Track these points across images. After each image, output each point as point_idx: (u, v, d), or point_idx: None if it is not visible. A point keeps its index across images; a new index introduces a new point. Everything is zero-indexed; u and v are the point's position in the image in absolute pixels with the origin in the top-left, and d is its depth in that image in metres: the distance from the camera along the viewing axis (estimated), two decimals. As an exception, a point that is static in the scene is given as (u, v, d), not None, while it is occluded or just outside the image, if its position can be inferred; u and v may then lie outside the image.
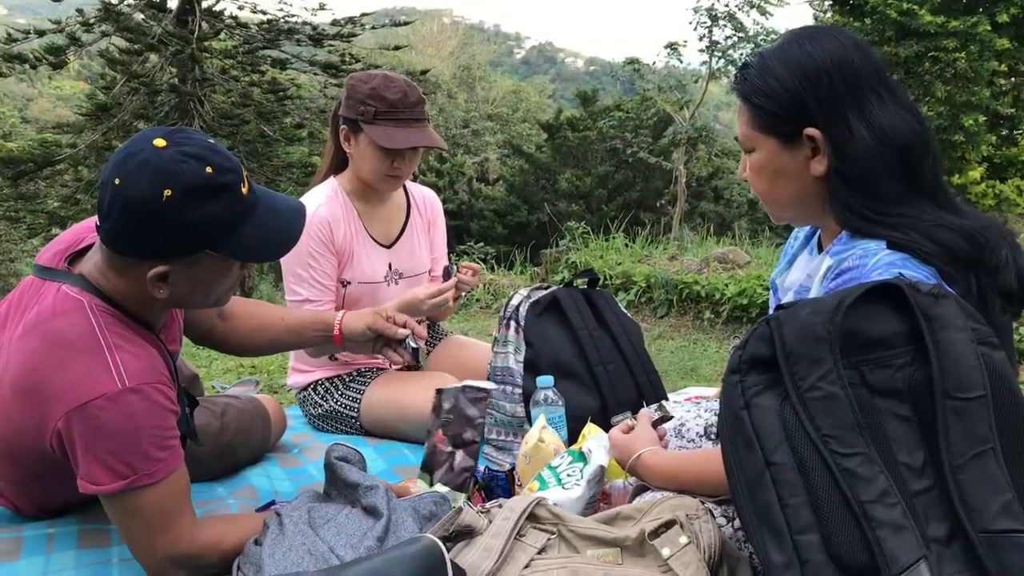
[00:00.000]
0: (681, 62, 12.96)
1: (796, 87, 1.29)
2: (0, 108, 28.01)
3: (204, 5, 13.18)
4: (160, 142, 1.39)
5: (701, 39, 11.96)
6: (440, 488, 1.81)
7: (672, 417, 1.61)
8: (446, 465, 1.86)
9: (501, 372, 2.32)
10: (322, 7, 14.38)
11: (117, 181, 1.37)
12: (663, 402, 1.66)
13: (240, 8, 14.05)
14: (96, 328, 1.44)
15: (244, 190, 1.47)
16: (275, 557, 1.38)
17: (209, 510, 1.90)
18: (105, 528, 1.73)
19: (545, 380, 2.10)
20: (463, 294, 2.55)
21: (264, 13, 14.10)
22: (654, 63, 13.29)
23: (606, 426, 1.92)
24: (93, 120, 13.25)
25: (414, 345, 1.97)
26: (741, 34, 11.60)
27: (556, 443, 1.88)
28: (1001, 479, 1.00)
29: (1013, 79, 12.26)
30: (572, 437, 2.05)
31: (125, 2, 13.07)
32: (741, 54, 11.95)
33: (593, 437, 1.73)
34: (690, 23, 11.85)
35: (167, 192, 1.36)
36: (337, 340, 1.98)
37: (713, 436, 1.71)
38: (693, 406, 1.81)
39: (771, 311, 1.69)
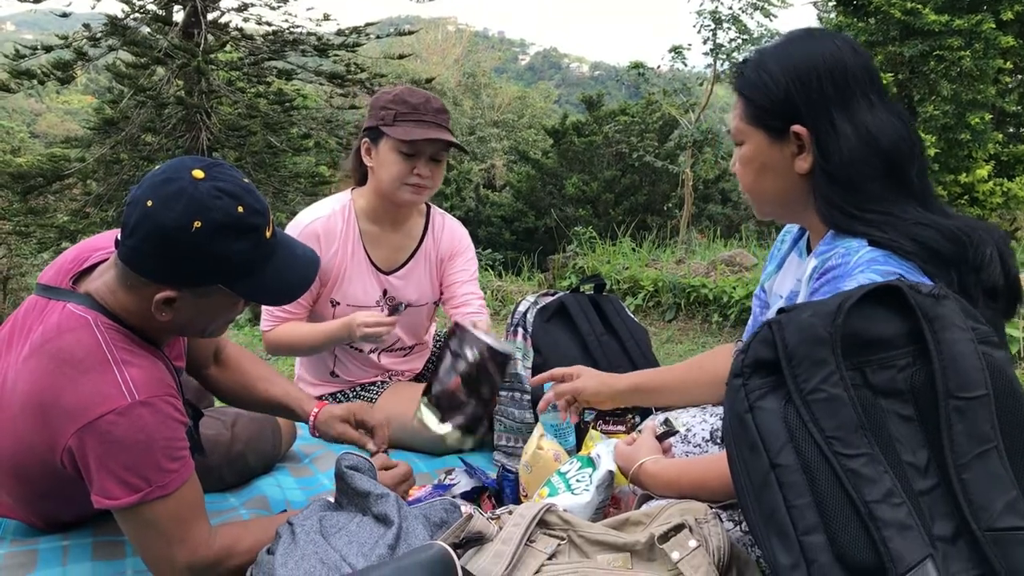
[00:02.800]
0: (685, 65, 12.94)
1: (787, 84, 1.33)
2: (9, 123, 28.19)
3: (210, 18, 13.27)
4: (199, 173, 1.42)
5: (705, 42, 11.95)
6: (446, 428, 1.83)
7: (678, 432, 1.61)
8: (460, 410, 1.85)
9: (510, 379, 2.33)
10: (327, 18, 14.47)
11: (150, 203, 1.39)
12: (668, 416, 1.66)
13: (245, 20, 14.16)
14: (103, 344, 1.46)
15: (268, 233, 1.50)
16: (287, 566, 1.39)
17: (221, 520, 1.91)
18: (119, 540, 1.74)
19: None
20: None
21: (269, 24, 14.20)
22: (659, 67, 13.28)
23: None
24: (101, 134, 13.37)
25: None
26: (745, 36, 11.59)
27: (555, 449, 1.89)
28: (1005, 477, 1.00)
29: (1019, 76, 12.22)
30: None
31: (131, 16, 13.18)
32: (745, 56, 11.88)
33: (602, 442, 1.74)
34: (694, 26, 11.85)
35: (197, 224, 1.39)
36: (312, 431, 2.00)
37: (719, 440, 1.71)
38: (699, 411, 1.81)
39: (757, 315, 1.70)
